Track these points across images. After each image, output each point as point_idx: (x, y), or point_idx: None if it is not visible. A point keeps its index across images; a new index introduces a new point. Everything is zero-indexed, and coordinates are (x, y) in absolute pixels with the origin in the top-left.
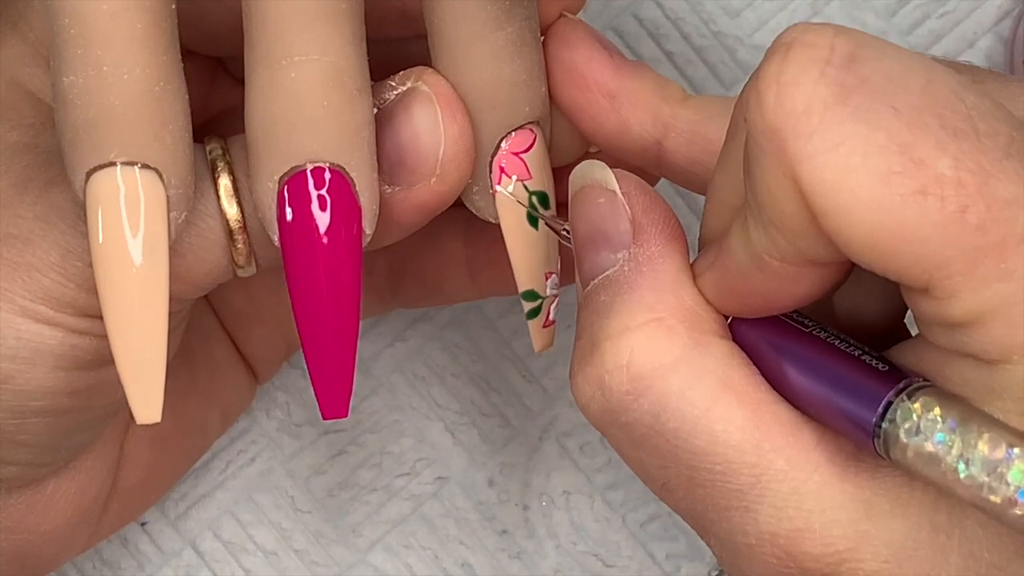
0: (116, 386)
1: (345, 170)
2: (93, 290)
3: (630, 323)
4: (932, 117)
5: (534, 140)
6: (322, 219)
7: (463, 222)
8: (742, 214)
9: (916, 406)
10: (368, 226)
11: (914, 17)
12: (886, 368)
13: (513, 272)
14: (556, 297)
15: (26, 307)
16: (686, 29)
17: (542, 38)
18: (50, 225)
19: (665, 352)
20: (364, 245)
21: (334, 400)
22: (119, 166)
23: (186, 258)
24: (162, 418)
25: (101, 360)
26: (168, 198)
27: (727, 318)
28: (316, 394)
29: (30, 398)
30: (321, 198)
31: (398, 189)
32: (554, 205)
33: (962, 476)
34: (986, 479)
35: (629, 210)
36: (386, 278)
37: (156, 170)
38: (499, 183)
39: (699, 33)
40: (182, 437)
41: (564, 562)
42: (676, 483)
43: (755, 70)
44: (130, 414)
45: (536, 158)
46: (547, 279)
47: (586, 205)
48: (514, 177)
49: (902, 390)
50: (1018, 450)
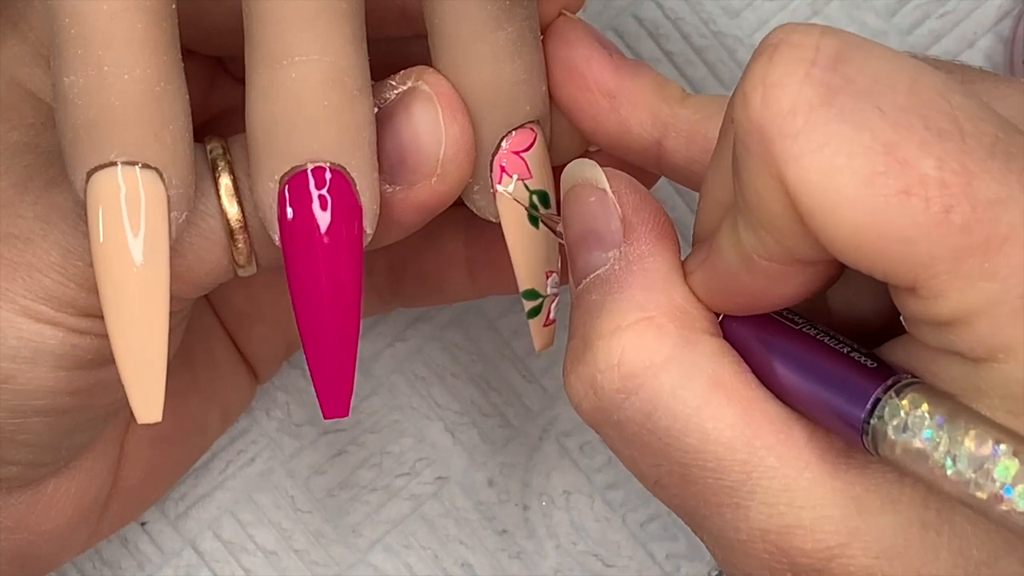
0: (117, 386)
1: (346, 170)
2: (94, 290)
3: (621, 322)
4: (917, 118)
5: (534, 139)
6: (323, 219)
7: (463, 221)
8: (731, 214)
9: (904, 403)
10: (369, 226)
11: (914, 17)
12: (875, 365)
13: (514, 271)
14: (556, 296)
15: (27, 307)
16: (686, 29)
17: (542, 37)
18: (51, 225)
19: (656, 351)
20: (365, 245)
21: (335, 400)
22: (120, 166)
23: (187, 258)
24: (162, 418)
25: (102, 360)
26: (169, 198)
27: (718, 316)
28: (317, 394)
29: (31, 397)
30: (322, 198)
31: (399, 189)
32: (554, 204)
33: (949, 472)
34: (973, 475)
35: (619, 209)
36: (386, 277)
37: (157, 170)
38: (500, 182)
39: (699, 33)
40: (182, 437)
41: (564, 562)
42: (669, 480)
43: (744, 71)
44: (131, 414)
45: (536, 157)
46: (547, 278)
47: (577, 204)
48: (515, 176)
49: (890, 387)
50: (1004, 447)
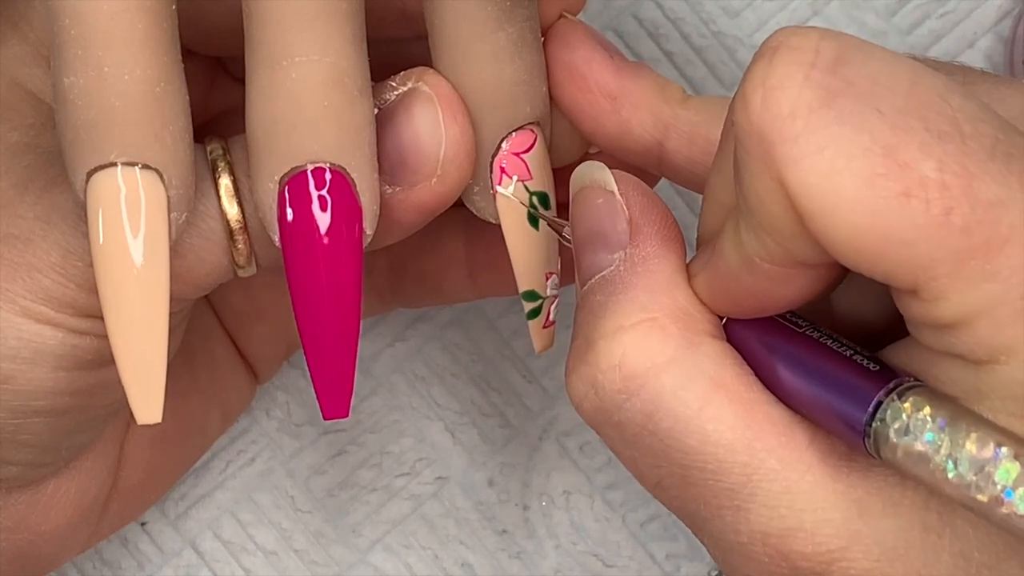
0: (116, 386)
1: (346, 170)
2: (94, 290)
3: (624, 323)
4: (917, 120)
5: (535, 140)
6: (323, 219)
7: (463, 222)
8: (733, 216)
9: (906, 405)
10: (369, 226)
11: (914, 17)
12: (877, 368)
13: (513, 272)
14: (556, 297)
15: (27, 307)
16: (686, 29)
17: (542, 39)
18: (51, 225)
19: (658, 352)
20: (365, 245)
21: (335, 400)
22: (120, 166)
23: (187, 258)
24: (162, 418)
25: (102, 360)
26: (169, 198)
27: (722, 318)
28: (317, 394)
29: (31, 398)
30: (322, 198)
31: (399, 189)
32: (554, 206)
33: (950, 475)
34: (974, 478)
35: (627, 211)
36: (386, 278)
37: (157, 170)
38: (499, 183)
39: (699, 33)
40: (182, 437)
41: (564, 562)
42: (669, 482)
43: (744, 74)
44: (131, 414)
45: (537, 158)
46: (547, 279)
47: (585, 206)
48: (515, 177)
49: (892, 390)
50: (1005, 449)
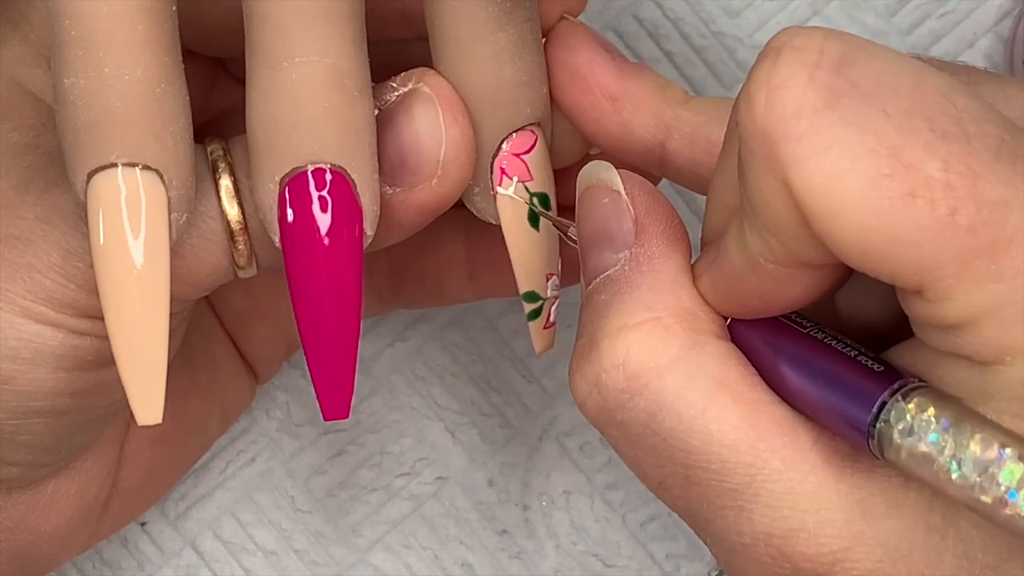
0: (117, 387)
1: (346, 171)
2: (94, 291)
3: (628, 322)
4: (922, 120)
5: (535, 141)
6: (323, 220)
7: (464, 223)
8: (738, 217)
9: (910, 406)
10: (369, 227)
11: (914, 17)
12: (881, 369)
13: (514, 273)
14: (557, 299)
15: (27, 308)
16: (686, 29)
17: (543, 40)
18: (51, 226)
19: (662, 351)
20: (365, 246)
21: (335, 401)
22: (120, 167)
23: (187, 259)
24: (163, 419)
25: (102, 361)
26: (169, 199)
27: (726, 319)
28: (317, 395)
29: (31, 398)
30: (322, 199)
31: (399, 190)
32: (555, 207)
33: (954, 476)
34: (977, 479)
35: (632, 210)
36: (387, 279)
37: (157, 171)
38: (500, 184)
39: (699, 33)
40: (182, 437)
41: (564, 562)
42: (672, 482)
43: (748, 74)
44: (131, 415)
45: (537, 159)
46: (548, 280)
47: (591, 205)
48: (515, 178)
49: (896, 390)
50: (1010, 451)
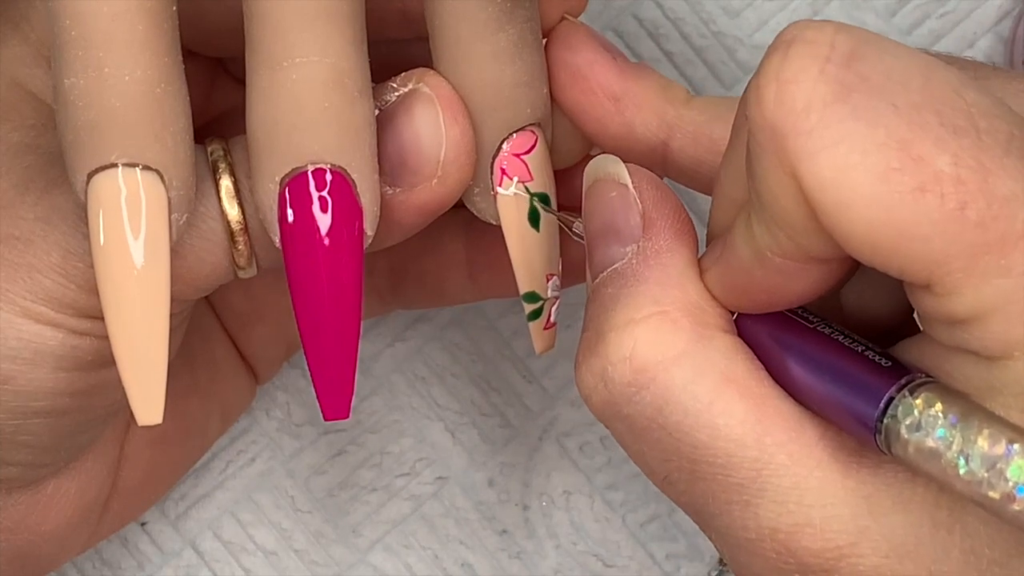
0: (117, 387)
1: (346, 171)
2: (94, 291)
3: (635, 315)
4: (932, 114)
5: (535, 142)
6: (323, 220)
7: (464, 224)
8: (745, 211)
9: (918, 402)
10: (369, 227)
11: (914, 17)
12: (889, 364)
13: (514, 274)
14: (557, 299)
15: (27, 308)
16: (686, 29)
17: (544, 41)
18: (51, 226)
19: (669, 345)
20: (365, 246)
21: (336, 401)
22: (120, 167)
23: (187, 259)
24: (163, 419)
25: (102, 361)
26: (169, 199)
27: (733, 313)
28: (318, 395)
29: (31, 399)
30: (322, 199)
31: (399, 191)
32: (555, 207)
33: (962, 472)
34: (985, 475)
35: (640, 204)
36: (387, 279)
37: (157, 171)
38: (500, 184)
39: (699, 33)
40: (182, 437)
41: (564, 562)
42: (677, 476)
43: (757, 67)
44: (131, 415)
45: (537, 160)
46: (548, 281)
47: (598, 199)
48: (515, 179)
49: (904, 386)
50: (1018, 446)
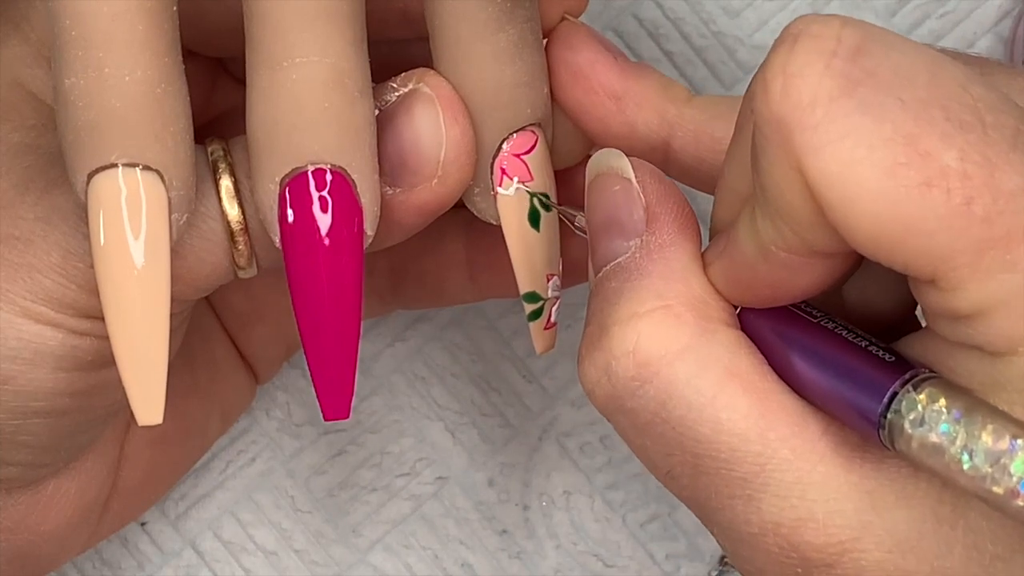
0: (117, 387)
1: (346, 171)
2: (94, 291)
3: (638, 309)
4: (938, 110)
5: (535, 142)
6: (323, 220)
7: (464, 224)
8: (749, 205)
9: (921, 397)
10: (369, 227)
11: (914, 17)
12: (892, 359)
13: (514, 274)
14: (558, 299)
15: (27, 308)
16: (686, 29)
17: (544, 41)
18: (51, 226)
19: (672, 339)
20: (365, 246)
21: (336, 401)
22: (120, 168)
23: (187, 259)
24: (163, 419)
25: (102, 361)
26: (169, 200)
27: (736, 308)
28: (318, 395)
29: (31, 399)
30: (322, 199)
31: (399, 191)
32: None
33: (965, 467)
34: (989, 470)
35: (643, 198)
36: (387, 279)
37: (157, 171)
38: (500, 185)
39: (699, 33)
40: (182, 437)
41: (564, 562)
42: (680, 471)
43: (763, 61)
44: (131, 415)
45: (537, 160)
46: (548, 281)
47: (601, 193)
48: (515, 179)
49: (908, 381)
50: (1021, 441)
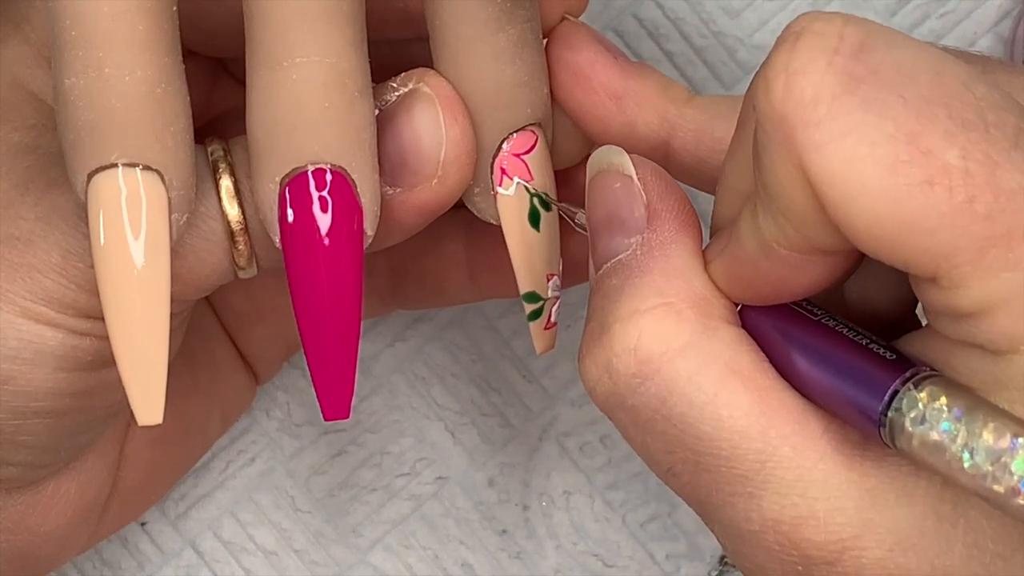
0: (117, 387)
1: (346, 171)
2: (94, 291)
3: (639, 306)
4: (940, 108)
5: (535, 142)
6: (323, 220)
7: (464, 224)
8: (751, 202)
9: (922, 395)
10: (369, 227)
11: (914, 17)
12: (894, 357)
13: (514, 274)
14: (558, 299)
15: (27, 308)
16: (686, 29)
17: (544, 41)
18: (51, 226)
19: (673, 336)
20: (365, 246)
21: (336, 401)
22: (120, 168)
23: (187, 259)
24: (163, 419)
25: (102, 361)
26: (169, 200)
27: (737, 305)
28: (318, 395)
29: (31, 399)
30: (322, 199)
31: (399, 190)
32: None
33: (966, 465)
34: (990, 468)
35: (644, 195)
36: (387, 279)
37: (158, 171)
38: (500, 184)
39: (699, 33)
40: (182, 438)
41: (564, 562)
42: (681, 468)
43: (766, 59)
44: (131, 415)
45: (538, 160)
46: (548, 281)
47: (602, 190)
48: (515, 179)
49: (909, 379)
50: (1022, 440)
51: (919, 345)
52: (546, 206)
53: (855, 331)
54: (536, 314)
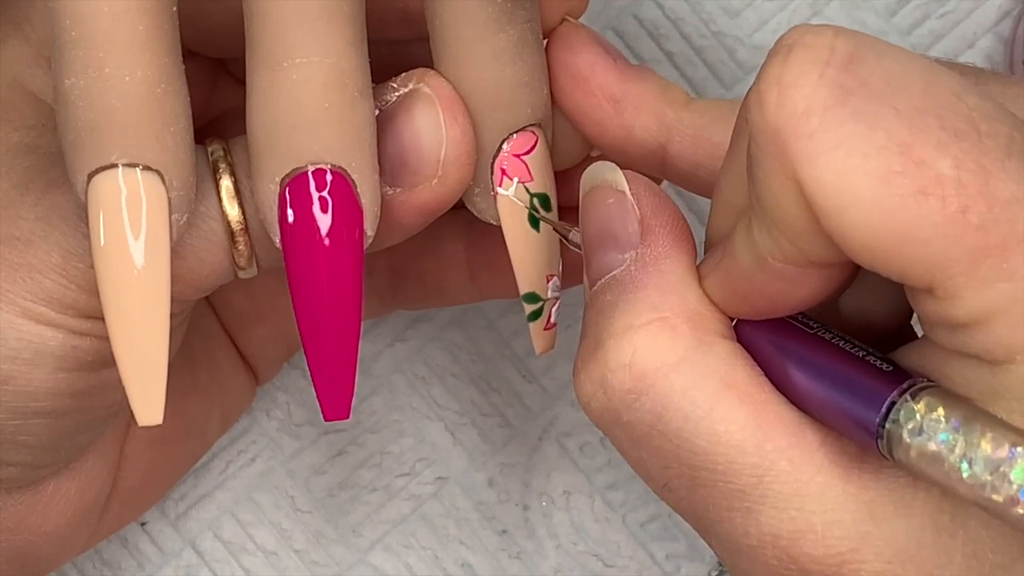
0: (117, 387)
1: (346, 171)
2: (94, 291)
3: (634, 322)
4: (933, 118)
5: (535, 142)
6: (323, 221)
7: (464, 224)
8: (746, 216)
9: (920, 406)
10: (369, 227)
11: (914, 17)
12: (890, 369)
13: (514, 274)
14: (558, 300)
15: (27, 308)
16: (686, 29)
17: (544, 42)
18: (51, 226)
19: (668, 351)
20: (365, 247)
21: (336, 401)
22: (121, 168)
23: (187, 260)
24: (163, 419)
25: (102, 361)
26: (170, 200)
27: (732, 319)
28: (318, 396)
29: (31, 399)
30: (323, 199)
31: (399, 191)
32: (556, 208)
33: (965, 475)
34: (989, 478)
35: (638, 211)
36: (387, 280)
37: (158, 172)
38: (500, 185)
39: (699, 33)
40: (182, 438)
41: (564, 562)
42: (678, 483)
43: (758, 73)
44: (131, 415)
45: (538, 160)
46: (548, 281)
47: (596, 206)
48: (515, 179)
49: (906, 390)
50: (1021, 449)
51: (915, 356)
52: (546, 207)
53: (851, 343)
54: (536, 315)
